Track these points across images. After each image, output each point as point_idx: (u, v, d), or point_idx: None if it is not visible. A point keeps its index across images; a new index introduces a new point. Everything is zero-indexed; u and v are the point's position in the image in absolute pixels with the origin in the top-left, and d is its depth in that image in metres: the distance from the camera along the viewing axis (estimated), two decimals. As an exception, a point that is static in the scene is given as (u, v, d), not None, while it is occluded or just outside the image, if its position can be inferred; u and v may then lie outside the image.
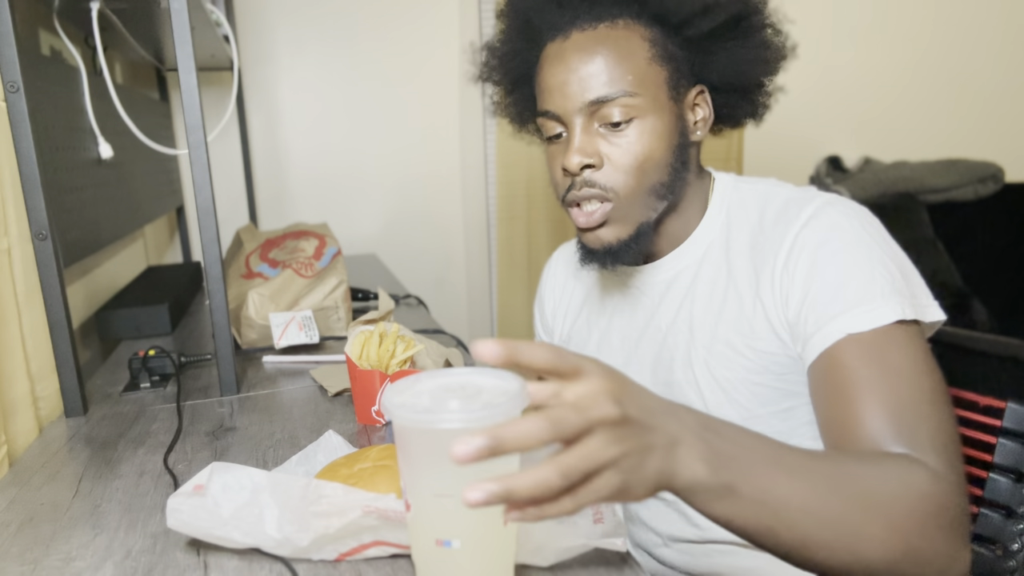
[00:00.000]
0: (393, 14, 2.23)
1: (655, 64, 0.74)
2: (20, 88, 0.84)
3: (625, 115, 0.73)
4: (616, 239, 0.76)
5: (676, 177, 0.76)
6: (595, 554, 0.58)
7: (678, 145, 0.76)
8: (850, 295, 0.67)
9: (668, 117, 0.75)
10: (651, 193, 0.75)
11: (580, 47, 0.73)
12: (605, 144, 0.74)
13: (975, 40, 2.82)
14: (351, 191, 2.29)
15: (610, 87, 0.72)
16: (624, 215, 0.75)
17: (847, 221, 0.71)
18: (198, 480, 0.59)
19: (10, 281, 0.89)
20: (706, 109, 0.79)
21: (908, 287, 0.69)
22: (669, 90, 0.75)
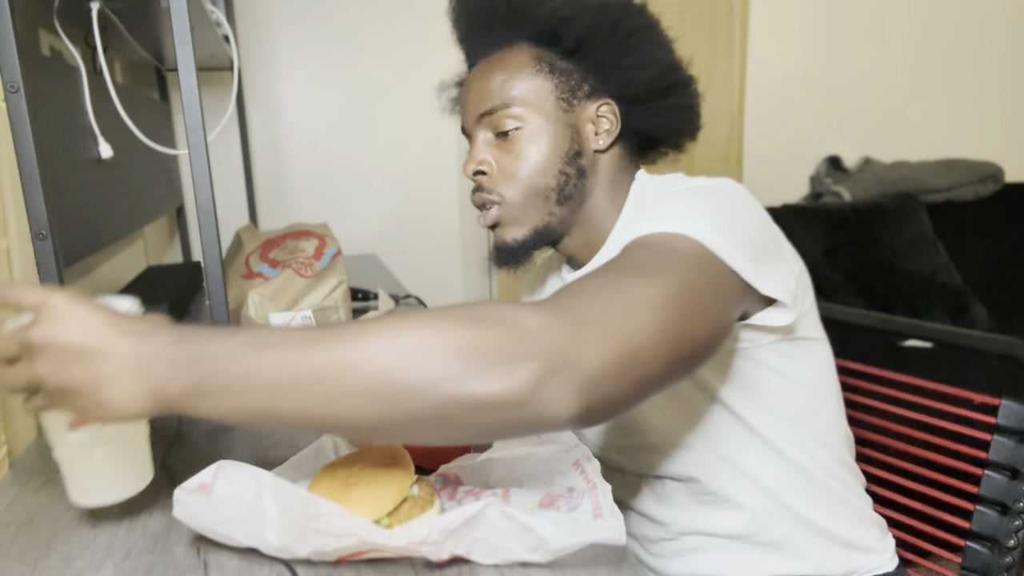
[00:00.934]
0: (393, 14, 2.23)
1: (540, 77, 0.80)
2: (20, 88, 0.84)
3: (511, 124, 0.80)
4: (512, 239, 0.83)
5: (568, 183, 0.81)
6: (592, 552, 0.59)
7: (569, 151, 0.81)
8: (657, 211, 0.66)
9: (557, 126, 0.80)
10: (538, 196, 0.81)
11: (479, 70, 0.83)
12: (497, 152, 0.82)
13: (975, 40, 2.82)
14: (351, 191, 2.29)
15: (495, 99, 0.80)
16: (514, 217, 0.82)
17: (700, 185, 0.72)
18: (203, 478, 0.59)
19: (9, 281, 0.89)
20: (610, 121, 0.82)
21: (731, 237, 0.62)
22: (558, 101, 0.80)
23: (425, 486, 0.62)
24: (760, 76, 2.52)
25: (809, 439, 0.79)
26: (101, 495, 0.64)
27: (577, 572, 0.56)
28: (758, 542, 0.79)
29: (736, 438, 0.78)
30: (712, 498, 0.80)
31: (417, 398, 0.47)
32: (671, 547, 0.85)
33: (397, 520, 0.58)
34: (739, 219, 0.67)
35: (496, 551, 0.56)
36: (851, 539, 0.81)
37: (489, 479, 0.67)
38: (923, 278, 2.35)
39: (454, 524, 0.53)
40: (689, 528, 0.83)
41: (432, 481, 0.68)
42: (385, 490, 0.58)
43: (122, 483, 0.64)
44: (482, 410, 0.47)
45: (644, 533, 0.88)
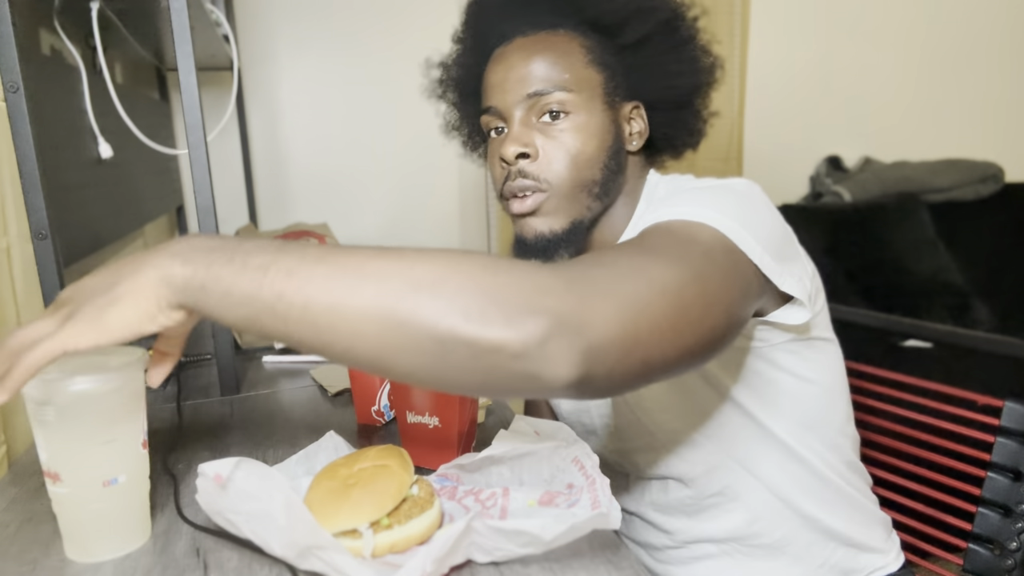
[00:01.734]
0: (393, 13, 2.23)
1: (591, 68, 0.78)
2: (20, 88, 0.84)
3: (561, 108, 0.77)
4: (549, 230, 0.78)
5: (610, 178, 0.79)
6: (591, 549, 0.59)
7: (612, 147, 0.79)
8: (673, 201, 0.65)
9: (602, 119, 0.78)
10: (583, 189, 0.77)
11: (521, 48, 0.79)
12: (541, 137, 0.77)
13: (975, 40, 2.82)
14: (351, 191, 2.29)
15: (547, 82, 0.77)
16: (556, 207, 0.77)
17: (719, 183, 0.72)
18: (221, 469, 0.58)
19: (9, 281, 0.89)
20: (641, 123, 0.82)
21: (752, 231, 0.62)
22: (604, 95, 0.79)
23: (425, 486, 0.62)
24: (760, 76, 2.52)
25: (819, 439, 0.79)
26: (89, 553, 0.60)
27: (577, 572, 0.56)
28: (761, 544, 0.79)
29: (747, 437, 0.78)
30: (717, 499, 0.80)
31: (421, 327, 0.45)
32: (677, 555, 0.85)
33: (397, 520, 0.58)
34: (759, 215, 0.67)
35: (491, 551, 0.56)
36: (857, 539, 0.81)
37: (489, 478, 0.67)
38: (924, 278, 2.35)
39: (443, 550, 0.53)
40: (694, 535, 0.83)
41: (432, 481, 0.68)
42: (385, 490, 0.58)
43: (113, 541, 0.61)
44: (482, 354, 0.45)
45: (650, 541, 0.88)
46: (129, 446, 0.61)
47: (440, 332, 0.45)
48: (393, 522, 0.57)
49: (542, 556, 0.58)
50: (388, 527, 0.57)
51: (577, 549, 0.59)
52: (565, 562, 0.57)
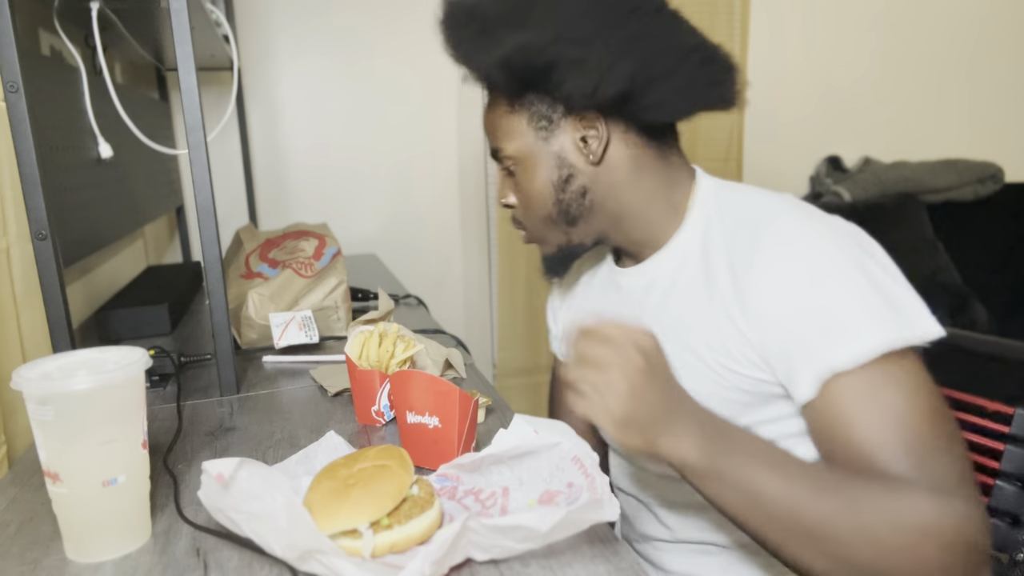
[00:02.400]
0: (393, 14, 2.23)
1: (514, 114, 0.80)
2: (20, 88, 0.84)
3: (508, 164, 0.82)
4: (546, 254, 0.87)
5: (570, 207, 0.81)
6: (590, 549, 0.59)
7: (559, 180, 0.80)
8: (832, 330, 0.64)
9: (541, 157, 0.80)
10: (547, 223, 0.83)
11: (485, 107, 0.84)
12: (512, 185, 0.85)
13: (975, 40, 2.82)
14: (351, 191, 2.29)
15: (492, 142, 0.83)
16: (540, 239, 0.86)
17: (823, 243, 0.68)
18: (223, 468, 0.58)
19: (9, 281, 0.89)
20: (597, 131, 0.77)
21: (894, 310, 0.65)
22: (536, 131, 0.79)
23: (425, 486, 0.62)
24: (760, 76, 2.52)
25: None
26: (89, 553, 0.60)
27: (576, 571, 0.56)
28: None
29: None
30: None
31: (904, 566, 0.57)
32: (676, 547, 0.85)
33: (397, 520, 0.58)
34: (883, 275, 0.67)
35: (489, 549, 0.56)
36: None
37: (489, 478, 0.67)
38: (923, 278, 2.35)
39: (441, 551, 0.53)
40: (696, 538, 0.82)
41: (432, 481, 0.68)
42: (385, 490, 0.58)
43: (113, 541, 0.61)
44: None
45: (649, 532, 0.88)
46: (129, 446, 0.61)
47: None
48: (393, 522, 0.58)
49: (541, 555, 0.58)
50: (388, 527, 0.57)
51: (577, 548, 0.59)
52: (565, 561, 0.57)
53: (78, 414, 0.57)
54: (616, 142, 0.79)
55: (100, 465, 0.59)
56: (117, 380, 0.58)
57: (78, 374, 0.57)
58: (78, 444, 0.58)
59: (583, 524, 0.57)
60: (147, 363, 0.62)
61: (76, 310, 1.20)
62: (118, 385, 0.59)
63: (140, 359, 0.61)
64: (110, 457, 0.59)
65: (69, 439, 0.57)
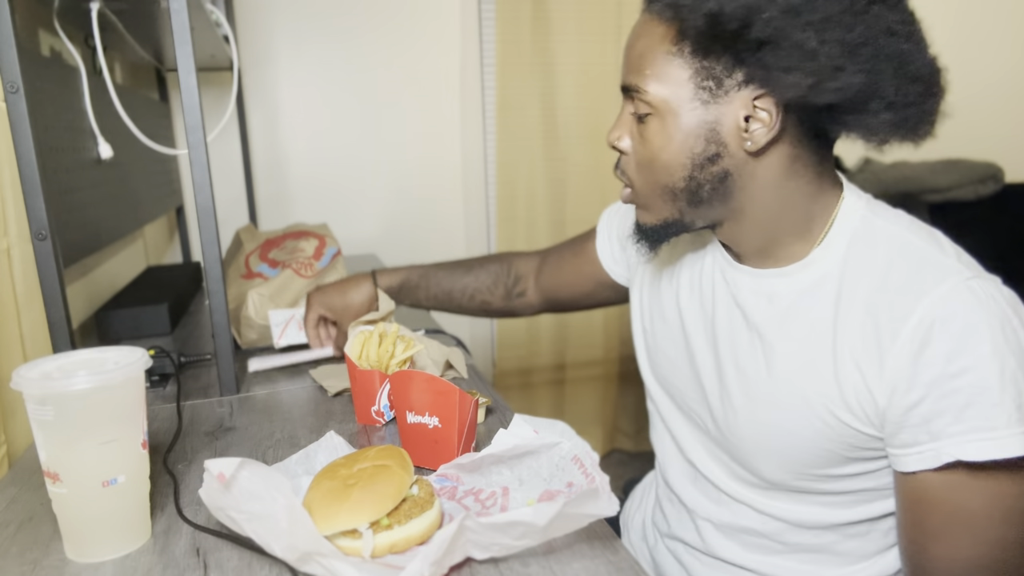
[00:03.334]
0: (393, 13, 2.23)
1: (679, 59, 0.66)
2: (20, 88, 0.84)
3: (642, 109, 0.69)
4: (644, 222, 0.75)
5: (703, 188, 0.68)
6: (591, 550, 0.59)
7: (702, 155, 0.67)
8: (973, 417, 0.60)
9: (688, 121, 0.66)
10: (665, 193, 0.70)
11: (634, 28, 0.71)
12: (635, 131, 0.72)
13: (975, 40, 2.82)
14: (351, 191, 2.29)
15: (632, 77, 0.69)
16: (645, 204, 0.74)
17: (988, 318, 0.61)
18: (224, 468, 0.58)
19: (10, 281, 0.89)
20: (767, 120, 0.65)
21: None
22: (696, 90, 0.66)
23: (425, 486, 0.62)
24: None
25: None
26: (89, 553, 0.60)
27: (577, 572, 0.56)
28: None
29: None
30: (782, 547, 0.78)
31: None
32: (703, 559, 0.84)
33: (397, 520, 0.58)
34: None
35: (487, 547, 0.56)
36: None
37: (489, 478, 0.67)
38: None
39: (439, 552, 0.53)
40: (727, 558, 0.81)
41: (432, 481, 0.68)
42: (385, 490, 0.58)
43: (113, 541, 0.61)
44: None
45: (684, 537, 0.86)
46: (129, 446, 0.61)
47: None
48: (393, 522, 0.58)
49: (541, 555, 0.58)
50: (388, 527, 0.57)
51: (577, 548, 0.59)
52: (565, 562, 0.57)
53: (78, 414, 0.57)
54: (783, 138, 0.67)
55: (100, 465, 0.59)
56: (117, 380, 0.58)
57: (78, 374, 0.57)
58: (78, 444, 0.58)
59: (582, 520, 0.57)
60: (147, 363, 0.62)
61: (76, 310, 1.20)
62: (118, 385, 0.59)
63: (140, 359, 0.61)
64: (110, 457, 0.59)
65: (69, 439, 0.57)
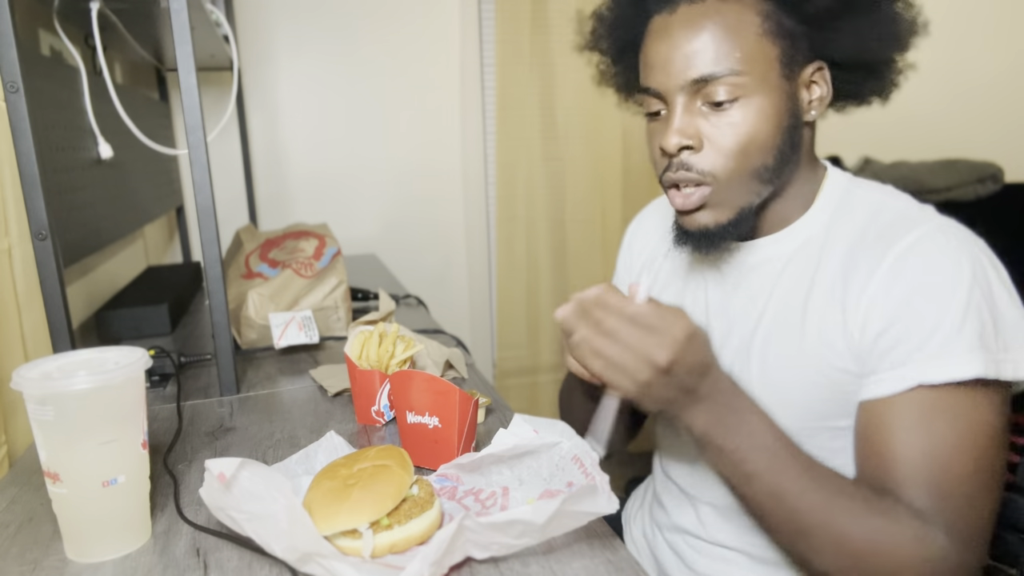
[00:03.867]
0: (393, 14, 2.23)
1: (766, 40, 0.68)
2: (20, 88, 0.84)
3: (730, 94, 0.68)
4: (715, 223, 0.72)
5: (783, 160, 0.71)
6: (591, 550, 0.59)
7: (788, 127, 0.70)
8: (933, 342, 0.63)
9: (778, 96, 0.69)
10: (754, 177, 0.70)
11: (687, 21, 0.69)
12: (707, 125, 0.70)
13: (975, 40, 2.82)
14: (351, 191, 2.29)
15: (715, 65, 0.67)
16: (723, 199, 0.71)
17: (953, 255, 0.66)
18: (224, 468, 0.58)
19: (10, 281, 0.89)
20: (823, 87, 0.72)
21: (1000, 339, 0.64)
22: (781, 68, 0.69)
23: (425, 486, 0.62)
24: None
25: None
26: (89, 553, 0.61)
27: (577, 572, 0.56)
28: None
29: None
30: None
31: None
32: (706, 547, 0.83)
33: (397, 520, 0.58)
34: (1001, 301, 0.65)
35: (487, 546, 0.56)
36: None
37: (489, 478, 0.67)
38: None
39: (438, 553, 0.53)
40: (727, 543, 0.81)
41: (432, 481, 0.68)
42: (385, 490, 0.58)
43: (113, 541, 0.61)
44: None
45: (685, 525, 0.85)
46: (129, 446, 0.61)
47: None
48: (393, 522, 0.58)
49: (541, 554, 0.58)
50: (388, 527, 0.57)
51: (576, 548, 0.59)
52: (565, 562, 0.57)
53: (78, 414, 0.57)
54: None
55: (100, 465, 0.59)
56: (117, 380, 0.58)
57: (78, 374, 0.57)
58: (78, 444, 0.58)
59: (581, 518, 0.57)
60: (147, 363, 0.62)
61: (76, 310, 1.20)
62: (118, 385, 0.59)
63: (140, 359, 0.61)
64: (110, 457, 0.59)
65: (69, 439, 0.57)
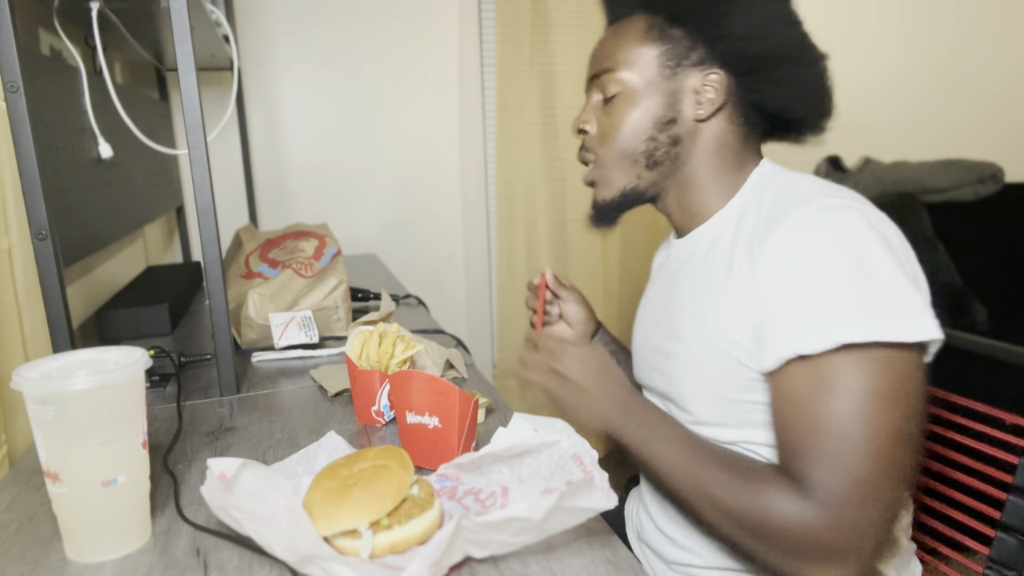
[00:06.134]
0: (393, 14, 2.23)
1: (648, 44, 0.82)
2: (20, 88, 0.84)
3: (610, 90, 0.83)
4: (602, 199, 0.87)
5: (659, 149, 0.82)
6: (591, 550, 0.59)
7: (662, 119, 0.81)
8: (808, 313, 0.65)
9: (654, 92, 0.81)
10: (626, 159, 0.83)
11: (602, 37, 0.88)
12: (601, 115, 0.86)
13: (975, 40, 2.82)
14: (351, 191, 2.29)
15: (602, 64, 0.84)
16: (604, 177, 0.86)
17: (835, 229, 0.67)
18: (225, 468, 0.58)
19: (10, 281, 0.89)
20: (715, 90, 0.80)
21: (877, 306, 0.63)
22: (661, 68, 0.81)
23: (425, 486, 0.62)
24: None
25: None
26: (89, 553, 0.61)
27: (577, 572, 0.56)
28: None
29: None
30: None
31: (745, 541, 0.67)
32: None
33: (397, 520, 0.58)
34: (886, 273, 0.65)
35: (486, 545, 0.56)
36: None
37: (489, 477, 0.67)
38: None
39: (437, 553, 0.53)
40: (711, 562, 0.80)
41: (432, 481, 0.68)
42: (385, 490, 0.58)
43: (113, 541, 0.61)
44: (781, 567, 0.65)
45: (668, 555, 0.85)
46: (129, 446, 0.61)
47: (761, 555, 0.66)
48: (393, 522, 0.58)
49: (541, 555, 0.58)
50: (388, 527, 0.57)
51: (576, 548, 0.59)
52: (565, 562, 0.57)
53: (78, 414, 0.57)
54: (723, 112, 0.82)
55: (100, 465, 0.59)
56: (117, 380, 0.58)
57: (78, 374, 0.57)
58: (78, 444, 0.58)
59: (580, 515, 0.57)
60: (147, 363, 0.62)
61: (76, 310, 1.20)
62: (118, 385, 0.59)
63: (140, 359, 0.61)
64: (110, 457, 0.59)
65: (69, 439, 0.57)
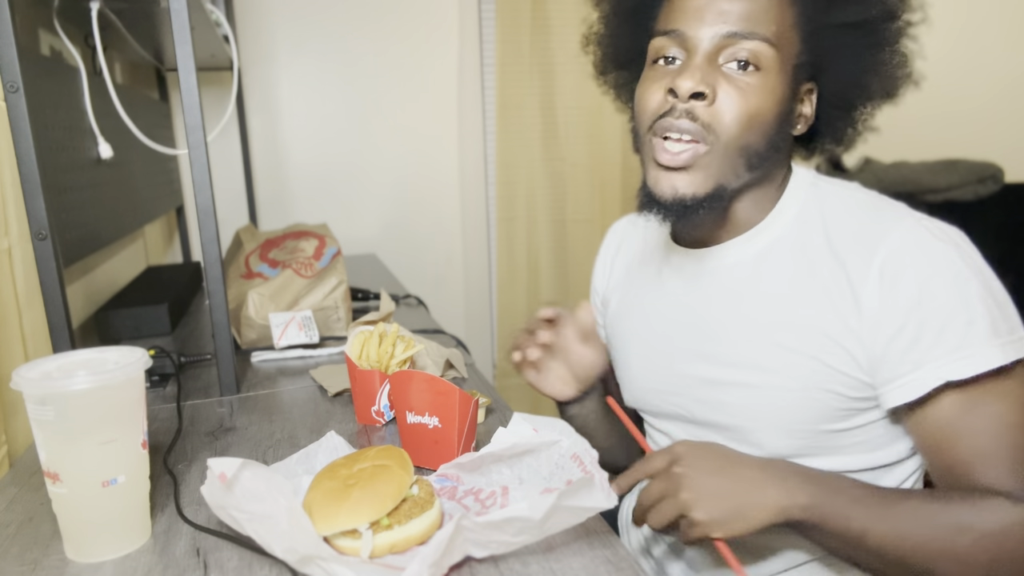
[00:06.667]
0: (393, 14, 2.23)
1: (795, 31, 0.70)
2: (20, 88, 0.84)
3: (755, 60, 0.68)
4: (692, 194, 0.70)
5: (769, 152, 0.71)
6: (591, 549, 0.59)
7: (783, 120, 0.72)
8: (950, 338, 0.64)
9: (785, 88, 0.70)
10: (743, 153, 0.70)
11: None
12: (724, 81, 0.69)
13: (975, 40, 2.82)
14: (351, 191, 2.29)
15: (753, 26, 0.68)
16: (710, 164, 0.69)
17: (945, 248, 0.67)
18: (225, 468, 0.58)
19: (10, 281, 0.89)
20: (810, 108, 0.75)
21: (1007, 322, 0.65)
22: (794, 65, 0.71)
23: (425, 486, 0.62)
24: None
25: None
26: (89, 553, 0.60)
27: (577, 572, 0.56)
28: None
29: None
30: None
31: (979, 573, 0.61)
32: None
33: (397, 520, 0.58)
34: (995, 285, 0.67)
35: (486, 544, 0.56)
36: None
37: (489, 477, 0.67)
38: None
39: (437, 554, 0.53)
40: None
41: (432, 481, 0.68)
42: (385, 490, 0.58)
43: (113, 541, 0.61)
44: None
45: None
46: (129, 446, 0.61)
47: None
48: (393, 522, 0.58)
49: (541, 555, 0.58)
50: (388, 527, 0.57)
51: (576, 547, 0.59)
52: (565, 562, 0.57)
53: (78, 414, 0.57)
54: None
55: (100, 465, 0.59)
56: (117, 380, 0.58)
57: (78, 374, 0.57)
58: (78, 444, 0.58)
59: (580, 514, 0.57)
60: (147, 363, 0.62)
61: (76, 310, 1.20)
62: (118, 385, 0.59)
63: (140, 359, 0.61)
64: (110, 457, 0.59)
65: (69, 439, 0.57)
